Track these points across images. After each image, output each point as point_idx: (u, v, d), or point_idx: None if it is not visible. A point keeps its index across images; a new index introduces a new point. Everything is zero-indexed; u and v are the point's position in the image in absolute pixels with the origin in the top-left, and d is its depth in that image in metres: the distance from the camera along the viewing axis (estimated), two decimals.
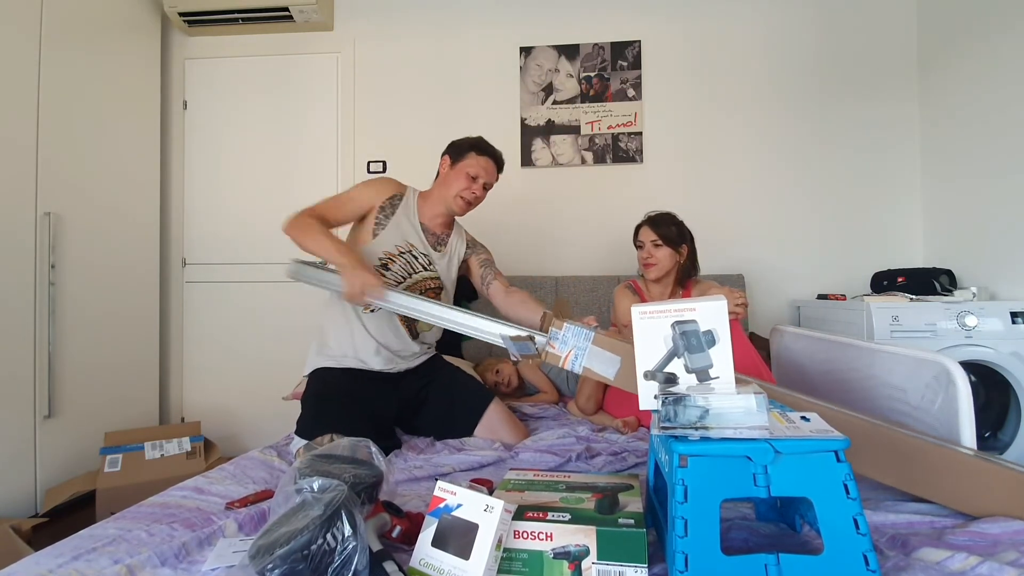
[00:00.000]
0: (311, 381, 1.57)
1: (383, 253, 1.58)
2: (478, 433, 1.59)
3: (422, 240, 1.64)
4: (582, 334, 1.12)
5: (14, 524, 1.75)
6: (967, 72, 2.36)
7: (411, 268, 1.61)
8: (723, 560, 0.70)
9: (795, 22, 2.71)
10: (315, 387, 1.54)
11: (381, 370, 1.57)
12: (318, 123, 2.91)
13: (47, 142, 2.14)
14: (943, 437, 1.29)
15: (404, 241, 1.61)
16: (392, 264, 1.59)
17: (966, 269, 2.36)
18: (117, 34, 2.55)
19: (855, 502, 0.70)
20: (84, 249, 2.31)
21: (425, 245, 1.64)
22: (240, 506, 1.06)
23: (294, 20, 2.77)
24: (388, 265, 1.58)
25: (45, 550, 0.87)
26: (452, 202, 1.64)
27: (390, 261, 1.59)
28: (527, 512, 0.79)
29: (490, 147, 1.69)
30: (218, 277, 2.91)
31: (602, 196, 2.79)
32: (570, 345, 1.11)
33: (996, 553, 0.81)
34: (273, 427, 2.59)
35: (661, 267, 1.86)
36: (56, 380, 2.16)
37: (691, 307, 0.88)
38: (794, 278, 2.69)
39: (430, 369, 1.69)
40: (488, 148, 1.68)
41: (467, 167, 1.63)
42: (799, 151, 2.70)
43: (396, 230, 1.61)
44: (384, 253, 1.59)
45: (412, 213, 1.65)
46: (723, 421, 0.73)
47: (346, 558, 0.67)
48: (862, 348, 1.62)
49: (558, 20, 2.81)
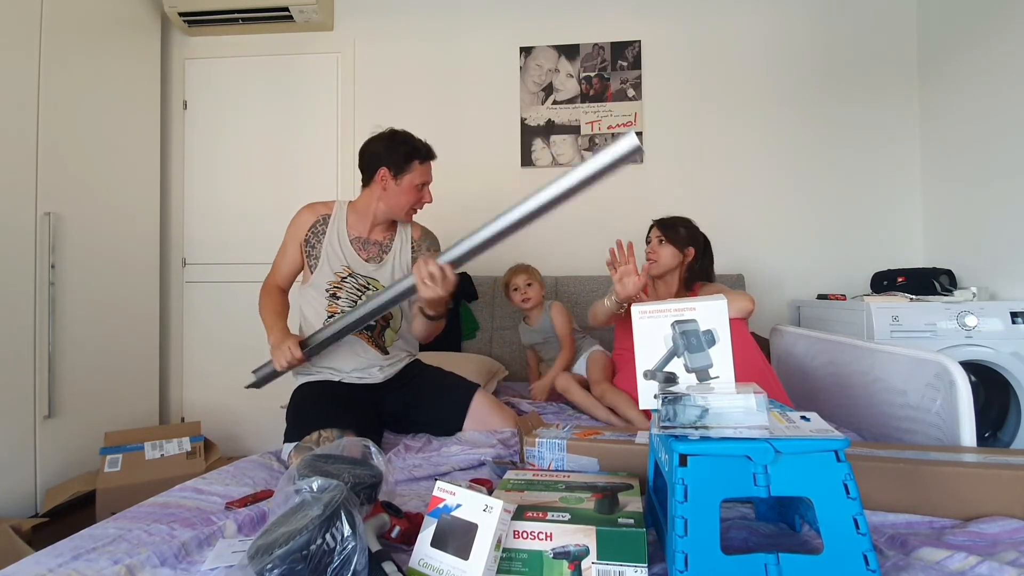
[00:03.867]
0: (293, 396, 1.55)
1: (327, 284, 1.54)
2: (468, 426, 1.58)
3: (356, 258, 1.58)
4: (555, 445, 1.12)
5: (14, 524, 1.74)
6: (967, 72, 2.36)
7: (358, 291, 1.56)
8: (723, 560, 0.70)
9: (795, 22, 2.71)
10: (297, 399, 1.54)
11: (357, 382, 1.56)
12: (318, 123, 2.91)
13: (47, 142, 2.14)
14: (940, 446, 1.29)
15: (342, 265, 1.56)
16: (340, 291, 1.55)
17: (966, 269, 2.36)
18: (117, 34, 2.55)
19: (855, 502, 0.70)
20: (84, 249, 2.31)
21: (361, 263, 1.58)
22: (240, 506, 1.06)
23: (294, 20, 2.78)
24: (336, 293, 1.54)
25: (45, 550, 0.86)
26: (403, 214, 1.59)
27: (337, 289, 1.55)
28: (527, 512, 0.79)
29: (426, 146, 1.58)
30: (218, 277, 2.91)
31: (602, 196, 2.78)
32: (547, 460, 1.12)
33: (995, 553, 0.81)
34: (273, 427, 2.58)
35: (662, 264, 1.87)
36: (56, 380, 2.16)
37: (691, 307, 0.88)
38: (794, 278, 2.69)
39: (410, 374, 1.67)
40: (427, 149, 1.58)
41: (414, 179, 1.54)
42: (799, 151, 2.70)
43: (329, 256, 1.56)
44: (328, 283, 1.54)
45: (342, 232, 1.59)
46: (723, 421, 0.73)
47: (345, 558, 0.67)
48: (862, 348, 1.62)
49: (558, 20, 2.81)
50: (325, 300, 1.55)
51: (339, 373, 1.56)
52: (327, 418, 1.41)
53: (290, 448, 1.41)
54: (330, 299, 1.54)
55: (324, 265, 1.56)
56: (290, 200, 2.89)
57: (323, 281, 1.55)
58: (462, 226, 1.89)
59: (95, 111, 2.40)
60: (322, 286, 1.55)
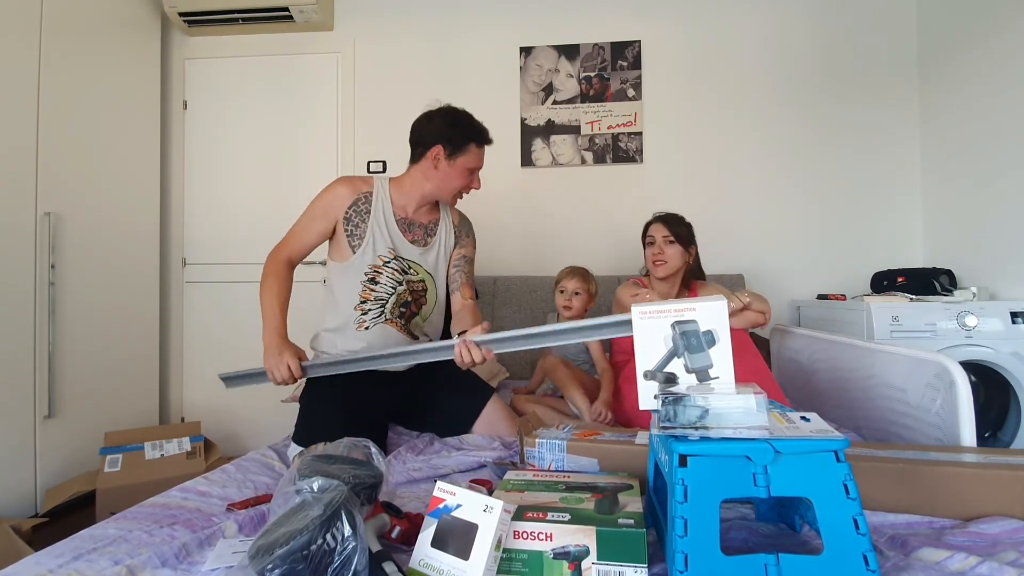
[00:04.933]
0: (308, 386, 1.54)
1: (368, 267, 1.48)
2: (477, 429, 1.57)
3: (403, 240, 1.52)
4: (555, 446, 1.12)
5: (14, 524, 1.75)
6: (967, 72, 2.36)
7: (399, 276, 1.51)
8: (723, 560, 0.70)
9: (795, 22, 2.71)
10: (310, 394, 1.52)
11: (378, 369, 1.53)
12: (318, 123, 2.91)
13: (47, 142, 2.14)
14: (940, 446, 1.29)
15: (387, 248, 1.49)
16: (379, 276, 1.49)
17: (966, 269, 2.36)
18: (117, 34, 2.55)
19: (855, 502, 0.70)
20: (84, 249, 2.31)
21: (407, 246, 1.52)
22: (241, 508, 1.06)
23: (294, 20, 2.78)
24: (376, 278, 1.48)
25: (45, 550, 0.86)
26: (449, 197, 1.54)
27: (377, 274, 1.49)
28: (527, 512, 0.79)
29: (485, 131, 1.52)
30: (218, 277, 2.91)
31: (602, 196, 2.79)
32: (547, 460, 1.12)
33: (996, 553, 0.81)
34: (273, 427, 2.59)
35: (671, 265, 1.82)
36: (56, 380, 2.16)
37: (691, 307, 0.88)
38: (794, 278, 2.69)
39: (427, 368, 1.67)
40: (488, 136, 1.52)
41: (468, 162, 1.48)
42: (799, 151, 2.70)
43: (375, 238, 1.48)
44: (370, 267, 1.48)
45: (388, 212, 1.51)
46: (723, 421, 0.73)
47: (345, 558, 0.67)
48: (862, 348, 1.62)
49: (558, 20, 2.81)
50: (362, 284, 1.47)
51: None
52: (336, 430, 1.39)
53: (295, 451, 1.41)
54: (368, 283, 1.47)
55: (368, 247, 1.47)
56: (290, 200, 2.92)
57: (364, 264, 1.47)
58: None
59: (95, 111, 2.40)
60: (362, 268, 1.47)
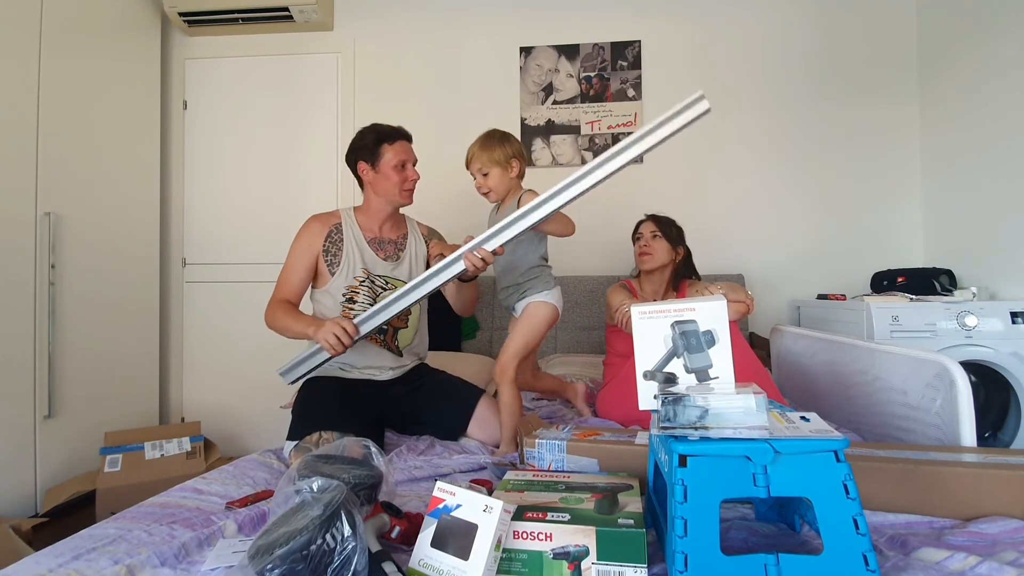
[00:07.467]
0: (300, 391, 1.57)
1: (346, 288, 1.57)
2: (471, 429, 1.59)
3: (375, 258, 1.61)
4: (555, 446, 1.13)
5: (14, 524, 1.74)
6: (967, 73, 2.36)
7: (375, 292, 1.59)
8: (723, 560, 0.70)
9: (795, 23, 2.71)
10: (304, 395, 1.55)
11: (367, 378, 1.58)
12: (318, 123, 2.91)
13: (47, 142, 2.14)
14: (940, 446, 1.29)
15: (361, 269, 1.59)
16: (357, 295, 1.57)
17: (966, 269, 2.36)
18: (117, 34, 2.55)
19: (855, 502, 0.70)
20: (84, 249, 2.31)
21: (380, 263, 1.61)
22: (240, 506, 1.06)
23: (294, 20, 2.77)
24: (353, 298, 1.57)
25: (45, 550, 0.87)
26: (398, 200, 1.62)
27: (354, 293, 1.57)
28: (526, 512, 0.79)
29: (392, 129, 1.62)
30: (218, 277, 2.91)
31: (602, 196, 2.77)
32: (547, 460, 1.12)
33: (995, 553, 0.81)
34: (273, 427, 2.59)
35: (656, 259, 1.90)
36: (56, 380, 2.16)
37: (691, 307, 0.88)
38: (794, 278, 2.69)
39: (417, 376, 1.68)
40: (392, 131, 1.62)
41: (390, 161, 1.58)
42: (799, 151, 2.70)
43: (350, 260, 1.58)
44: (347, 288, 1.57)
45: (358, 236, 1.62)
46: (723, 421, 0.73)
47: (345, 558, 0.67)
48: (862, 348, 1.62)
49: (558, 20, 2.81)
50: (341, 305, 1.56)
51: (351, 370, 1.57)
52: (331, 419, 1.42)
53: (291, 446, 1.42)
54: (346, 304, 1.56)
55: (345, 269, 1.58)
56: (290, 200, 2.93)
57: (341, 286, 1.57)
58: (463, 225, 1.90)
59: (95, 111, 2.39)
60: (339, 290, 1.57)
